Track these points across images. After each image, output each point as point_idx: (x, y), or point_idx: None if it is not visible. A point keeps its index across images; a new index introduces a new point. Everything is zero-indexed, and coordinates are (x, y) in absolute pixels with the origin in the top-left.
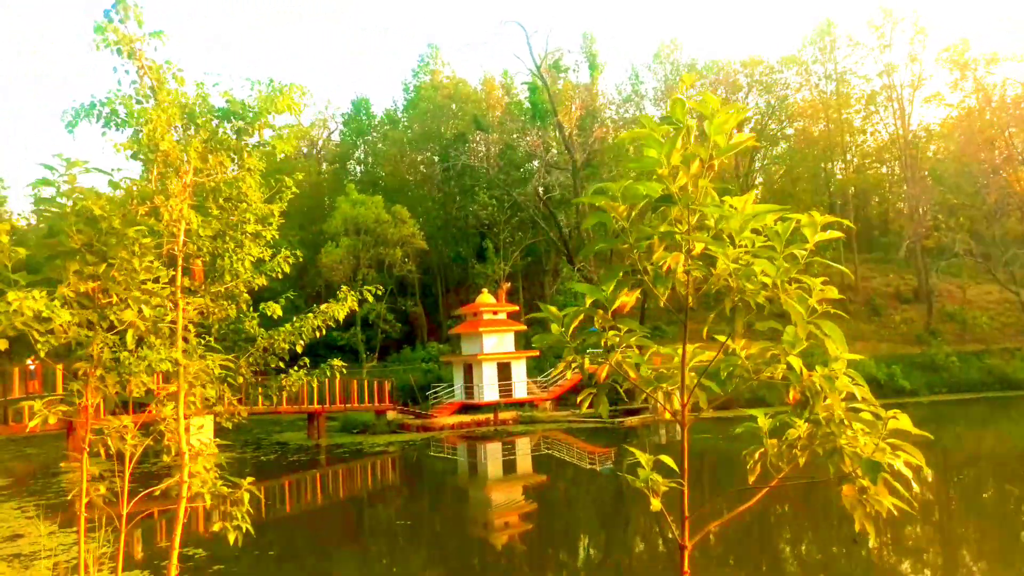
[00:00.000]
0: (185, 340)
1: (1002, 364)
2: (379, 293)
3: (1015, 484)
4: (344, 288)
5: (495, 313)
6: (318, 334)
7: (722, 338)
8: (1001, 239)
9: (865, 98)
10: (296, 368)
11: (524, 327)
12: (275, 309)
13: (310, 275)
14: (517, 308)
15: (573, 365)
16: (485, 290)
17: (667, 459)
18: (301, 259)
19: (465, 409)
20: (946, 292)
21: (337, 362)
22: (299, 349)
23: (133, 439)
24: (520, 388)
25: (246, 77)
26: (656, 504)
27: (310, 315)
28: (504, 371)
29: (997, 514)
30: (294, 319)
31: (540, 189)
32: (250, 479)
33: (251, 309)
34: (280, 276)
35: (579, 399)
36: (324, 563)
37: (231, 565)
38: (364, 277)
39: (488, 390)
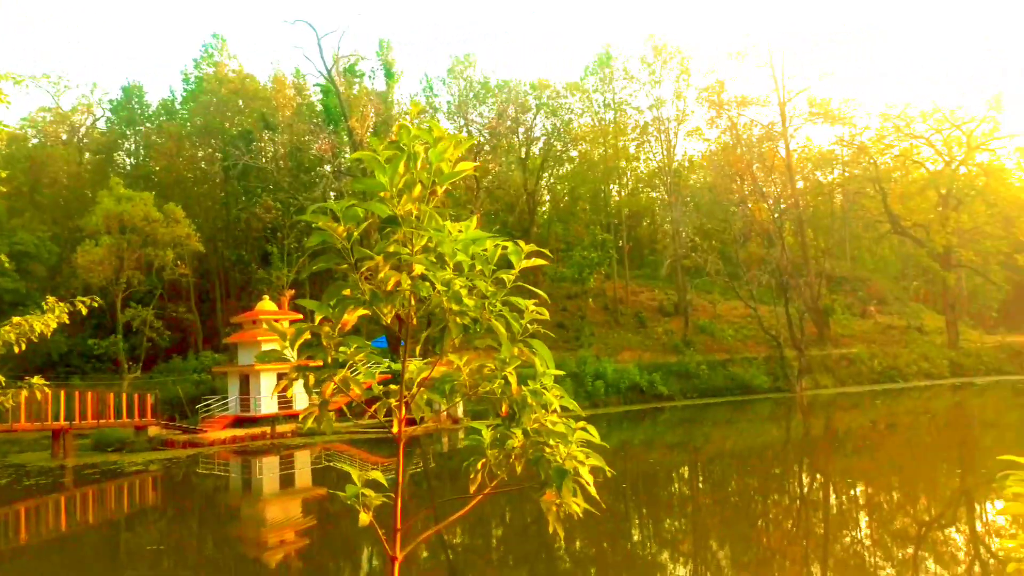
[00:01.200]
0: None
1: (742, 372)
2: (95, 305)
3: (752, 477)
4: (51, 299)
5: (276, 321)
6: (17, 349)
7: (453, 357)
8: (744, 261)
9: (639, 128)
10: None
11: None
12: None
13: (64, 275)
14: (301, 316)
15: (295, 382)
16: (267, 296)
17: (378, 475)
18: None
19: (240, 423)
20: (700, 307)
21: (38, 380)
22: None
23: None
24: (301, 400)
25: None
26: (365, 519)
27: (6, 327)
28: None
29: (739, 504)
30: None
31: (331, 195)
32: None
33: None
34: None
35: (301, 416)
36: None
37: None
38: (129, 280)
39: (265, 402)
